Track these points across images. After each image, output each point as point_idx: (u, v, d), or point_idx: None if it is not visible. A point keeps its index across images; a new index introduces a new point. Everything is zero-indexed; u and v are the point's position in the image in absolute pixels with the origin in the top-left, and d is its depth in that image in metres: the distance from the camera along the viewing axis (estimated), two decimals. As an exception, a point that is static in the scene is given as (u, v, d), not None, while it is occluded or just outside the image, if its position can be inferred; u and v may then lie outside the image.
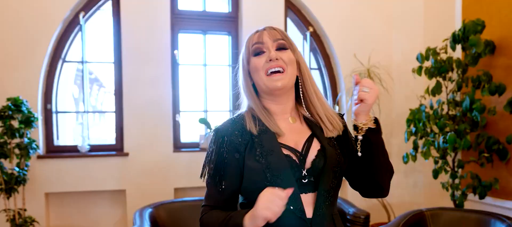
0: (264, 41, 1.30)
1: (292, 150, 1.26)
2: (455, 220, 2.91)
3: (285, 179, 1.19)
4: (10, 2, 3.29)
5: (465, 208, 3.12)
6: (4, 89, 3.19)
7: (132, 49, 3.63)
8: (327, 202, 1.24)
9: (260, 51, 1.30)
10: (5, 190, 2.94)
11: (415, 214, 2.97)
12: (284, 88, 1.29)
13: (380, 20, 4.24)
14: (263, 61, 1.28)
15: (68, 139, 4.04)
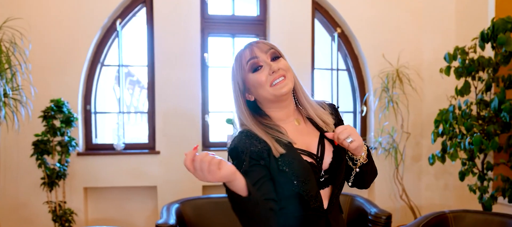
0: (258, 55, 1.34)
1: (310, 154, 1.34)
2: (479, 223, 2.86)
3: (310, 183, 1.28)
4: (53, 12, 3.58)
5: (489, 211, 3.03)
6: (48, 92, 3.48)
7: (164, 53, 3.82)
8: (338, 193, 1.38)
9: (257, 66, 1.34)
10: (48, 183, 3.23)
11: (437, 215, 2.94)
12: (289, 92, 1.36)
13: (410, 20, 4.19)
14: (264, 75, 1.32)
15: (108, 137, 4.31)
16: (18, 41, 3.08)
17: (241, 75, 1.36)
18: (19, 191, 3.54)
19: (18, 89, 3.02)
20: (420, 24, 4.22)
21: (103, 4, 3.71)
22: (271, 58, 1.35)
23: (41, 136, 3.22)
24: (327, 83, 4.42)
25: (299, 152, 1.32)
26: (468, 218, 2.91)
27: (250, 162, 1.29)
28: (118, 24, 3.85)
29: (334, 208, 1.37)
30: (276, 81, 1.32)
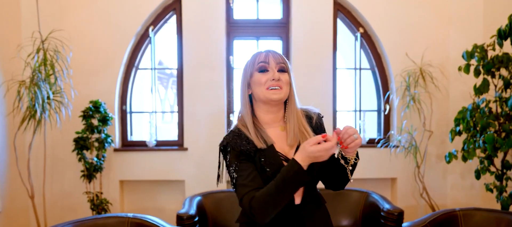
0: (270, 62, 1.56)
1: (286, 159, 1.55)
2: (488, 221, 2.88)
3: None
4: (91, 22, 4.00)
5: (500, 210, 3.03)
6: (88, 94, 3.91)
7: (192, 56, 4.13)
8: (311, 191, 1.57)
9: (265, 69, 1.56)
10: (86, 176, 3.65)
11: (446, 213, 3.00)
12: (279, 101, 1.57)
13: (435, 18, 4.19)
14: (266, 78, 1.54)
15: (146, 134, 4.70)
16: (60, 49, 3.51)
17: (251, 70, 1.59)
18: (64, 183, 4.01)
19: (60, 92, 3.44)
20: (446, 21, 4.20)
21: (136, 13, 4.08)
22: (278, 69, 1.57)
23: (81, 133, 3.65)
24: (351, 83, 4.52)
25: (279, 155, 1.53)
26: (477, 216, 2.94)
27: (240, 157, 1.52)
28: (150, 31, 4.21)
29: (309, 204, 1.56)
30: (272, 87, 1.54)
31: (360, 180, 4.26)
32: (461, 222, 2.96)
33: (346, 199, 3.73)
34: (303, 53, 4.21)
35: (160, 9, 4.20)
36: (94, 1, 4.01)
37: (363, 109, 4.48)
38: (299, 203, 1.54)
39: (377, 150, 4.17)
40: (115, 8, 4.03)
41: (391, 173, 4.26)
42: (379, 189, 4.34)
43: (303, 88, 4.20)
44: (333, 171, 1.59)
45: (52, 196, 3.99)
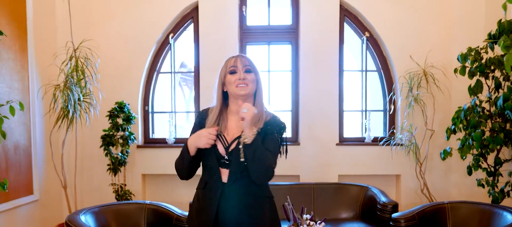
0: (237, 65, 1.97)
1: (225, 141, 1.94)
2: (472, 213, 3.15)
3: (211, 160, 1.92)
4: (117, 32, 4.50)
5: (485, 203, 3.27)
6: (114, 95, 4.40)
7: (208, 61, 4.55)
8: (240, 174, 1.88)
9: (234, 71, 1.97)
10: (112, 169, 4.14)
11: (435, 205, 3.30)
12: (245, 96, 1.96)
13: (437, 21, 4.44)
14: (235, 78, 1.95)
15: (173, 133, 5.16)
16: (90, 57, 4.02)
17: (224, 71, 2.00)
18: (92, 175, 4.52)
19: (89, 94, 3.95)
20: (449, 25, 4.44)
21: (157, 23, 4.55)
22: (245, 70, 1.96)
23: (107, 131, 4.14)
24: (359, 84, 4.82)
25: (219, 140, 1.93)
26: (464, 209, 3.21)
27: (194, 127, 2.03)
28: (170, 38, 4.67)
29: (235, 184, 1.88)
30: (239, 85, 1.93)
31: (366, 176, 4.56)
32: (448, 214, 3.24)
33: (346, 193, 4.06)
34: (311, 56, 4.55)
35: (179, 18, 4.65)
36: (119, 13, 4.51)
37: (370, 109, 4.78)
38: (225, 181, 1.89)
39: (382, 148, 4.46)
40: (138, 18, 4.51)
41: (395, 170, 4.54)
42: (384, 185, 4.61)
43: (311, 89, 4.56)
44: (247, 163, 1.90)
45: (82, 186, 4.51)
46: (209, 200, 1.92)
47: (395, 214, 3.27)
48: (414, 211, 3.24)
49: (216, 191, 1.90)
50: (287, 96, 4.78)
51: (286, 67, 4.77)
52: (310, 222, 2.80)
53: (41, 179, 4.07)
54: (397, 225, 3.17)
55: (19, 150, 3.75)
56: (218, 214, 1.89)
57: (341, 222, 3.78)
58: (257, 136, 1.86)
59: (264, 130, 1.92)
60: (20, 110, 3.06)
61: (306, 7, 4.54)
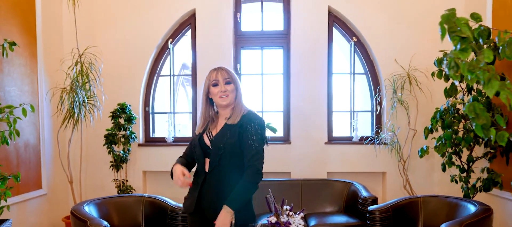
0: (218, 79, 2.31)
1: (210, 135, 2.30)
2: (441, 205, 3.47)
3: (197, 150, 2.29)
4: (118, 38, 4.87)
5: (452, 196, 3.58)
6: (117, 97, 4.77)
7: (204, 64, 4.89)
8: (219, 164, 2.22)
9: (216, 84, 2.30)
10: (115, 166, 4.52)
11: (409, 199, 3.62)
12: (227, 105, 2.31)
13: (421, 27, 4.74)
14: (217, 90, 2.30)
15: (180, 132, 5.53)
16: (94, 62, 4.39)
17: (207, 84, 2.34)
18: (96, 171, 4.90)
19: (93, 96, 4.32)
20: (431, 29, 4.71)
21: (157, 28, 4.91)
22: (225, 82, 2.30)
23: (110, 130, 4.52)
24: (348, 86, 5.14)
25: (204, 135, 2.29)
26: (434, 202, 3.53)
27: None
28: (169, 43, 5.03)
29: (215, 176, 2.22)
30: (221, 96, 2.28)
31: (354, 173, 4.88)
32: (421, 207, 3.56)
33: (332, 189, 4.39)
34: (302, 60, 4.89)
35: (177, 25, 5.01)
36: (121, 21, 4.89)
37: (358, 110, 5.10)
38: (207, 171, 2.25)
39: (369, 146, 4.78)
40: (138, 25, 4.88)
41: (381, 168, 4.85)
42: (371, 182, 4.94)
43: (302, 91, 4.89)
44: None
45: (87, 182, 4.89)
46: (194, 187, 2.28)
47: (371, 207, 3.59)
48: (389, 204, 3.56)
49: (200, 178, 2.26)
50: (279, 98, 5.11)
51: (278, 71, 5.11)
52: (290, 213, 3.13)
53: (49, 175, 4.45)
54: (373, 217, 3.49)
55: (29, 148, 4.13)
56: (201, 199, 2.24)
57: (326, 215, 4.11)
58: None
59: (242, 122, 2.24)
60: (31, 112, 3.43)
61: (297, 14, 4.88)
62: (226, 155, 2.21)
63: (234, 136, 2.21)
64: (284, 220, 3.05)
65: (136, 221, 3.53)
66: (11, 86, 3.85)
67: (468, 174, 3.86)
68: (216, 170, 2.22)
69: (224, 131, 2.25)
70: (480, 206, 3.15)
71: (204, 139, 2.29)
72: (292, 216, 3.08)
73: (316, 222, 3.85)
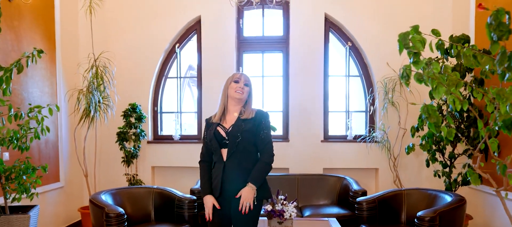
0: (241, 79, 2.75)
1: (224, 128, 2.71)
2: (422, 197, 3.87)
3: (213, 143, 2.68)
4: (130, 44, 5.33)
5: (431, 189, 3.98)
6: (128, 98, 5.23)
7: (209, 67, 5.34)
8: (235, 152, 2.64)
9: (237, 80, 2.75)
10: (126, 161, 4.97)
11: (394, 191, 4.02)
12: (240, 100, 2.74)
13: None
14: (237, 86, 2.73)
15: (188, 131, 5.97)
16: (108, 66, 4.84)
17: (231, 80, 2.77)
18: (109, 166, 5.36)
19: (107, 97, 4.78)
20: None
21: (165, 34, 5.36)
22: (244, 84, 2.74)
23: (122, 129, 4.97)
24: (343, 87, 5.56)
25: (217, 127, 2.70)
26: (416, 194, 3.93)
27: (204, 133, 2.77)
28: (177, 48, 5.48)
29: (234, 161, 2.65)
30: (237, 91, 2.71)
31: (349, 170, 5.29)
32: (404, 199, 3.96)
33: (325, 183, 4.81)
34: (300, 63, 5.31)
35: (184, 30, 5.46)
36: (132, 28, 5.35)
37: (352, 110, 5.51)
38: (225, 160, 2.66)
39: (363, 144, 5.19)
40: (148, 32, 5.34)
41: (374, 164, 5.26)
42: (365, 178, 5.35)
43: (300, 93, 5.31)
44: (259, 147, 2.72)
45: (100, 176, 5.35)
46: (216, 175, 2.69)
47: (359, 198, 4.00)
48: (375, 196, 3.97)
49: (220, 167, 2.67)
50: (279, 98, 5.54)
51: (278, 73, 5.54)
52: (284, 202, 3.58)
53: (66, 169, 4.92)
54: (360, 207, 3.91)
55: (49, 144, 4.60)
56: (223, 184, 2.67)
57: (320, 207, 4.52)
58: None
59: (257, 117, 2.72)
60: (56, 111, 3.89)
61: (296, 20, 5.30)
62: (242, 142, 2.64)
63: (248, 127, 2.65)
64: (278, 208, 3.50)
65: (146, 210, 3.98)
66: (34, 88, 4.31)
67: (450, 170, 4.26)
68: (233, 156, 2.65)
69: (239, 123, 2.67)
70: (455, 197, 3.56)
71: (219, 132, 2.70)
72: (286, 205, 3.52)
73: (310, 213, 4.27)
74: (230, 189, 2.64)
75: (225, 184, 2.65)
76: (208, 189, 2.68)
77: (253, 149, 2.70)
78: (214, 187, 2.69)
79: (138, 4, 5.38)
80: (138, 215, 3.91)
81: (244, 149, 2.67)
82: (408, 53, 2.49)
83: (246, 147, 2.67)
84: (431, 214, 3.31)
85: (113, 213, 3.38)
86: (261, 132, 2.69)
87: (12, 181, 3.24)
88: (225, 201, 2.69)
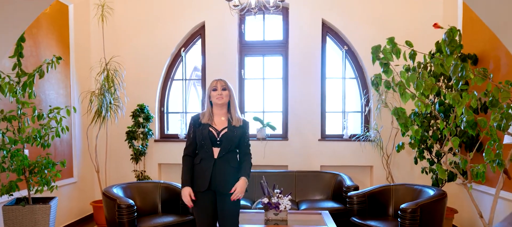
0: (217, 86, 3.16)
1: (215, 130, 3.12)
2: (408, 191, 4.24)
3: (206, 142, 3.08)
4: (138, 48, 5.75)
5: (417, 184, 4.34)
6: (137, 99, 5.64)
7: (213, 70, 5.74)
8: (226, 152, 3.07)
9: (215, 89, 3.15)
10: (134, 158, 5.39)
11: (383, 187, 4.40)
12: (222, 105, 3.15)
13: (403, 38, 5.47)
14: (216, 94, 3.15)
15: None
16: (118, 69, 5.26)
17: (210, 90, 3.18)
18: (118, 163, 5.78)
19: (117, 99, 5.19)
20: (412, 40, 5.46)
21: (171, 39, 5.77)
22: (221, 89, 3.15)
23: (131, 128, 5.39)
24: (340, 89, 5.93)
25: (210, 128, 3.09)
26: (403, 189, 4.31)
27: (190, 130, 3.17)
28: (182, 51, 5.88)
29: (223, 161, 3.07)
30: (218, 98, 3.12)
31: (344, 167, 5.66)
32: (392, 193, 4.33)
33: (321, 179, 5.19)
34: (299, 66, 5.69)
35: (189, 35, 5.86)
36: (140, 34, 5.77)
37: (348, 111, 5.89)
38: (216, 157, 3.07)
39: (357, 143, 5.56)
40: (155, 36, 5.76)
41: (368, 162, 5.63)
42: (360, 175, 5.72)
43: (298, 94, 5.69)
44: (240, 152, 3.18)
45: (111, 172, 5.78)
46: (204, 171, 3.08)
47: (350, 192, 4.38)
48: (365, 191, 4.35)
49: (209, 164, 3.08)
50: (279, 99, 5.93)
51: (278, 75, 5.92)
52: (279, 195, 3.97)
53: (79, 165, 5.34)
54: (351, 201, 4.28)
55: (64, 143, 5.02)
56: (211, 178, 3.07)
57: (316, 201, 4.91)
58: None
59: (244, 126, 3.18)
60: (73, 112, 4.31)
61: (294, 25, 5.69)
62: (232, 146, 3.12)
63: (238, 134, 3.12)
64: (274, 201, 3.89)
65: (154, 202, 4.39)
66: (50, 90, 4.74)
67: (437, 166, 4.61)
68: (224, 156, 3.08)
69: (231, 129, 3.11)
70: (437, 191, 3.92)
71: (212, 133, 3.10)
72: (281, 198, 3.92)
73: (306, 206, 4.65)
74: (219, 184, 3.07)
75: (214, 178, 3.07)
76: (189, 181, 3.10)
77: (236, 150, 3.21)
78: (202, 180, 3.09)
79: (146, 11, 5.79)
80: (146, 207, 4.31)
81: (233, 150, 3.16)
82: (379, 64, 2.85)
83: (234, 149, 3.16)
84: (413, 206, 3.68)
85: (124, 205, 3.78)
86: (245, 139, 3.20)
87: (35, 175, 3.67)
88: (211, 193, 3.12)
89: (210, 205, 3.11)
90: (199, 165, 3.12)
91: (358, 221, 4.04)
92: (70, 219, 5.17)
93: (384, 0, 5.58)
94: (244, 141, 3.18)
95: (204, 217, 3.11)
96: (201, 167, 3.10)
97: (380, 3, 5.58)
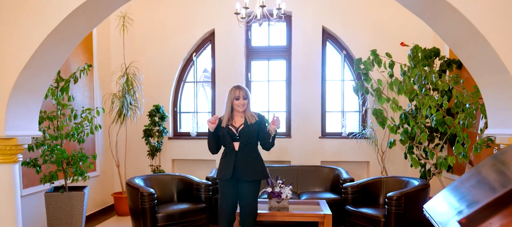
0: (240, 95, 3.82)
1: (235, 128, 3.77)
2: (397, 183, 4.86)
3: (226, 138, 3.75)
4: (154, 54, 6.42)
5: (404, 176, 4.96)
6: (153, 99, 6.30)
7: (221, 73, 6.39)
8: (246, 146, 3.75)
9: (238, 98, 3.81)
10: (150, 154, 6.06)
11: (375, 179, 5.02)
12: (243, 111, 3.81)
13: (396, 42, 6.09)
14: (238, 102, 3.81)
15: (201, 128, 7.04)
16: (137, 73, 5.93)
17: (231, 96, 3.84)
18: (136, 158, 6.46)
19: (136, 100, 5.87)
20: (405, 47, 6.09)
21: (184, 45, 6.44)
22: (243, 98, 3.81)
23: (147, 126, 6.06)
24: (339, 90, 6.55)
25: (230, 127, 3.75)
26: (392, 181, 4.92)
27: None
28: (194, 56, 6.54)
29: (244, 152, 3.73)
30: (239, 106, 3.79)
31: (343, 162, 6.29)
32: (383, 185, 4.96)
33: (320, 173, 5.82)
34: (301, 69, 6.32)
35: (200, 41, 6.52)
36: (157, 41, 6.45)
37: (347, 110, 6.51)
38: (237, 150, 3.73)
39: (354, 140, 6.18)
40: (169, 43, 6.43)
41: (365, 158, 6.25)
42: (358, 170, 6.35)
43: (301, 95, 6.33)
44: (262, 139, 3.78)
45: (129, 166, 6.45)
46: (228, 162, 3.77)
47: (345, 184, 5.01)
48: (359, 183, 4.97)
49: (232, 156, 3.76)
50: (283, 100, 6.57)
51: (281, 78, 6.56)
52: (281, 185, 4.61)
53: (101, 160, 6.02)
54: (346, 191, 4.90)
55: (88, 140, 5.68)
56: (235, 169, 3.75)
57: (315, 192, 5.53)
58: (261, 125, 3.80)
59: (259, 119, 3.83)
60: (96, 112, 4.99)
61: (297, 32, 6.32)
62: (250, 140, 3.77)
63: (255, 128, 3.77)
64: (277, 190, 4.53)
65: (170, 192, 5.05)
66: (77, 93, 5.41)
67: (423, 161, 5.22)
68: (244, 149, 3.76)
69: (247, 126, 3.77)
70: (421, 182, 4.54)
71: (231, 130, 3.76)
72: (283, 188, 4.55)
73: (307, 197, 5.28)
74: (242, 173, 3.74)
75: (236, 168, 3.74)
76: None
77: (256, 142, 3.84)
78: (227, 169, 3.75)
79: (162, 21, 6.47)
80: (164, 196, 4.97)
81: (251, 143, 3.81)
82: (361, 73, 3.48)
83: (252, 142, 3.81)
84: (398, 194, 4.29)
85: (146, 193, 4.44)
86: (264, 128, 3.85)
87: (71, 166, 4.35)
88: (235, 181, 3.77)
89: (232, 191, 3.78)
90: (224, 158, 3.83)
91: (351, 209, 4.66)
92: (94, 208, 5.85)
93: (379, 9, 6.19)
94: (264, 130, 3.80)
95: (226, 202, 3.78)
96: (226, 159, 3.80)
97: (375, 11, 6.20)
